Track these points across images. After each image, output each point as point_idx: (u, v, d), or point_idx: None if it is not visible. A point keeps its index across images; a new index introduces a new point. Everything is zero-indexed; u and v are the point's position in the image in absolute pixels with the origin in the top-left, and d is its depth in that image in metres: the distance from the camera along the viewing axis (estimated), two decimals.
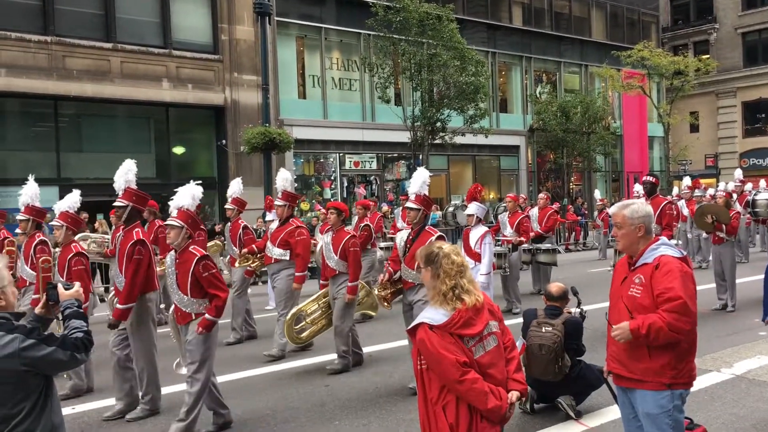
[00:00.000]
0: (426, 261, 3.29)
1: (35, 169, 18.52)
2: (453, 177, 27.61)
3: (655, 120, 33.59)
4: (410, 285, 6.68)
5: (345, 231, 7.89)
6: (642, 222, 3.71)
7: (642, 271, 3.64)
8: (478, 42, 26.68)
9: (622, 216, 3.74)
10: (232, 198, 10.24)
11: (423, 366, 3.15)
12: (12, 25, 17.39)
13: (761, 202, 11.24)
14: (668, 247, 3.66)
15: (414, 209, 6.76)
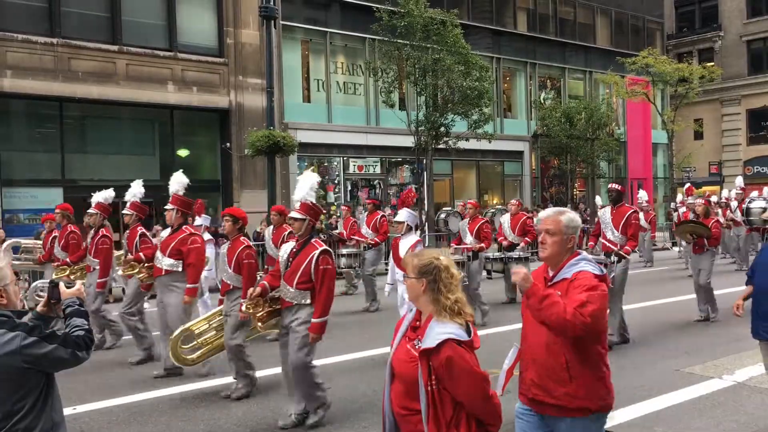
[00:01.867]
0: (420, 272, 3.07)
1: (40, 171, 18.82)
2: (456, 182, 27.61)
3: (659, 127, 33.54)
4: (288, 305, 5.90)
5: (240, 241, 6.99)
6: (574, 233, 3.49)
7: (560, 287, 3.39)
8: (483, 47, 26.72)
9: (557, 222, 3.47)
10: (130, 203, 9.09)
11: (434, 387, 2.92)
12: (18, 26, 17.46)
13: (755, 210, 10.96)
14: (588, 263, 3.43)
15: (298, 219, 5.98)
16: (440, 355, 2.90)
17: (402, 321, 3.25)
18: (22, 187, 17.95)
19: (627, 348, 8.43)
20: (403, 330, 3.16)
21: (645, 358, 7.91)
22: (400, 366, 3.03)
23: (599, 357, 3.41)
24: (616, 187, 9.04)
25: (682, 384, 6.73)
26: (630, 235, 8.59)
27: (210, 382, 7.43)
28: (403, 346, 3.07)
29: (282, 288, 5.95)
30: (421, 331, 3.04)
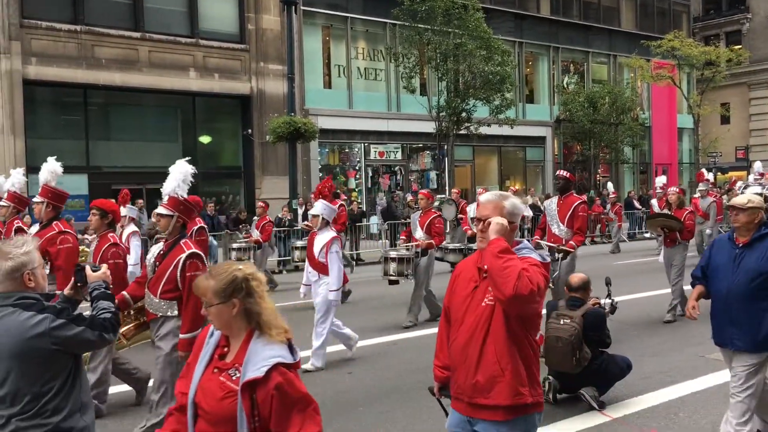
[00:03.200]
0: (227, 293, 2.48)
1: (64, 157, 18.91)
2: (478, 168, 27.48)
3: (685, 111, 33.07)
4: (153, 316, 5.21)
5: (107, 238, 6.10)
6: (516, 221, 3.16)
7: None
8: (505, 32, 26.45)
9: (500, 209, 3.10)
10: (7, 193, 8.10)
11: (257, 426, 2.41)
12: (42, 14, 17.65)
13: None
14: (530, 251, 3.14)
15: (165, 216, 5.23)
16: (269, 384, 2.40)
17: (198, 347, 2.65)
18: None
19: (650, 335, 8.36)
20: (206, 359, 2.58)
21: (669, 345, 7.85)
22: (210, 404, 2.47)
23: (533, 349, 3.07)
24: (564, 174, 8.01)
25: (706, 370, 6.66)
26: (577, 228, 7.65)
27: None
28: (213, 379, 2.50)
29: (147, 298, 5.19)
30: (236, 358, 2.51)
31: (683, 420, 5.38)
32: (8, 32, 16.89)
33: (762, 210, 4.48)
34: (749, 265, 4.41)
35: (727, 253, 4.58)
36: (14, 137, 16.97)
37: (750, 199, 4.50)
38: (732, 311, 4.46)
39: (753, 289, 4.36)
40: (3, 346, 2.75)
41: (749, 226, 4.45)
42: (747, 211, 4.44)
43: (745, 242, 4.46)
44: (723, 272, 4.54)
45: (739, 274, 4.42)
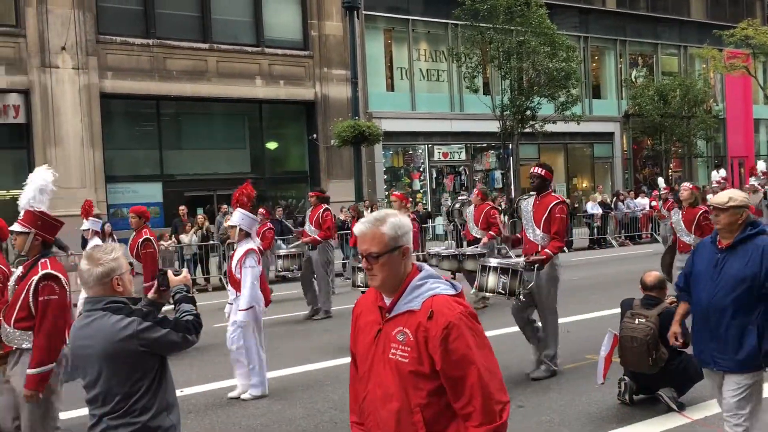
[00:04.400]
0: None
1: (140, 167, 19.78)
2: None
3: (762, 101, 31.73)
4: (8, 349, 4.44)
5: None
6: (406, 242, 2.46)
7: (405, 321, 2.40)
8: (570, 27, 25.99)
9: (379, 237, 2.42)
10: None
11: None
12: (117, 30, 18.38)
13: None
14: (436, 281, 2.45)
15: (20, 233, 4.46)
16: None
17: None
18: (125, 182, 18.93)
19: None
20: None
21: None
22: None
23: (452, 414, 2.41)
24: (538, 172, 6.92)
25: None
26: (554, 233, 6.66)
27: (312, 366, 7.63)
28: None
29: (2, 326, 4.44)
30: None
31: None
32: (85, 48, 17.65)
33: (746, 209, 3.95)
34: (732, 271, 3.87)
35: (708, 259, 4.03)
36: (93, 149, 17.71)
37: (731, 196, 3.96)
38: (713, 325, 3.92)
39: (736, 300, 3.83)
40: (95, 348, 2.91)
41: (732, 228, 3.91)
42: (728, 211, 3.90)
43: (728, 245, 3.92)
44: (703, 280, 4.01)
45: (721, 282, 3.89)
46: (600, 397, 5.87)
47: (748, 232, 3.90)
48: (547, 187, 6.97)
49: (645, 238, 21.59)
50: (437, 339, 2.32)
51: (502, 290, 6.58)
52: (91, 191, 17.56)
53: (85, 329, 2.96)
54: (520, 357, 7.33)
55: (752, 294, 3.80)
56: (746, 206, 3.94)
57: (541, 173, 6.89)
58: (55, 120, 17.27)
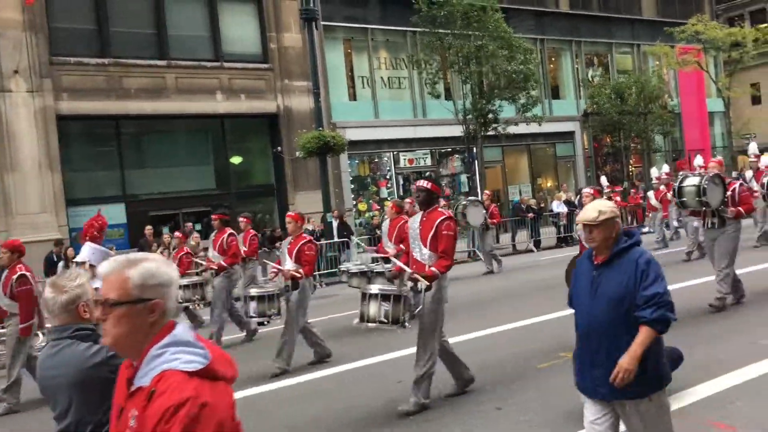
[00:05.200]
0: None
1: (102, 188, 19.44)
2: (509, 168, 27.35)
3: (715, 95, 32.52)
4: None
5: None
6: (160, 296, 1.99)
7: (137, 401, 1.91)
8: (526, 30, 26.34)
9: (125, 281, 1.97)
10: None
11: None
12: (70, 50, 18.09)
13: (689, 190, 8.97)
14: (180, 350, 1.91)
15: None
16: None
17: None
18: (86, 205, 18.57)
19: (699, 324, 8.22)
20: None
21: (718, 333, 7.71)
22: None
23: None
24: (424, 185, 6.28)
25: (760, 356, 6.52)
26: (441, 251, 5.99)
27: (286, 382, 7.56)
28: None
29: None
30: None
31: (740, 409, 5.27)
32: (39, 71, 17.33)
33: (618, 219, 3.59)
34: (608, 290, 3.49)
35: (586, 276, 3.64)
36: (51, 172, 17.38)
37: (600, 210, 3.52)
38: (593, 350, 3.53)
39: (615, 321, 3.44)
40: (63, 377, 2.83)
41: (607, 243, 3.52)
42: (600, 226, 3.49)
43: (604, 260, 3.54)
44: (582, 300, 3.63)
45: (598, 301, 3.51)
46: (576, 394, 5.90)
47: (622, 244, 3.53)
48: (433, 201, 6.32)
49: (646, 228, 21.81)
50: (149, 429, 1.81)
51: (384, 318, 6.00)
52: (51, 215, 17.23)
53: (52, 359, 2.89)
54: (498, 358, 7.37)
55: (631, 313, 3.43)
56: (617, 216, 3.57)
57: (426, 186, 6.27)
58: (11, 145, 16.92)
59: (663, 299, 3.41)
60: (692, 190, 8.87)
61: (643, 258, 3.49)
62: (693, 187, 8.86)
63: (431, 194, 6.26)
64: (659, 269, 3.49)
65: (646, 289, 3.41)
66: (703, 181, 8.75)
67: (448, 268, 6.08)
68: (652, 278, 3.43)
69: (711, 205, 8.73)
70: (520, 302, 11.10)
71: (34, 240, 16.39)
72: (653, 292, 3.40)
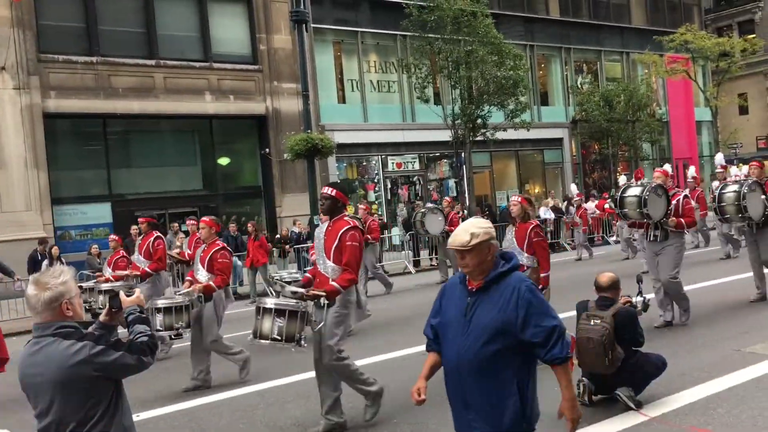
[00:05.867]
0: None
1: (88, 187, 19.33)
2: (497, 173, 27.43)
3: (702, 104, 32.80)
4: None
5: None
6: None
7: None
8: (515, 36, 26.47)
9: None
10: None
11: None
12: (58, 48, 17.98)
13: (630, 200, 8.53)
14: None
15: None
16: None
17: None
18: (72, 204, 18.47)
19: (684, 331, 8.27)
20: None
21: (703, 340, 7.76)
22: None
23: None
24: (328, 192, 5.81)
25: (742, 364, 6.57)
26: (344, 263, 5.54)
27: (267, 384, 7.53)
28: None
29: None
30: None
31: (723, 416, 5.30)
32: (27, 68, 17.21)
33: (493, 241, 3.17)
34: (484, 320, 3.08)
35: (457, 305, 3.21)
36: (38, 170, 17.25)
37: (473, 232, 3.11)
38: (466, 388, 3.13)
39: (491, 355, 3.05)
40: (45, 375, 2.80)
41: (482, 267, 3.13)
42: (473, 251, 3.10)
43: (479, 286, 3.14)
44: (452, 332, 3.18)
45: (471, 333, 3.09)
46: (559, 399, 5.93)
47: (500, 268, 3.14)
48: (339, 210, 5.81)
49: (597, 240, 22.00)
50: None
51: (278, 336, 5.56)
52: (36, 214, 17.11)
53: (34, 356, 2.86)
54: None
55: (509, 346, 3.06)
56: (492, 238, 3.16)
57: (331, 194, 5.77)
58: None
59: (560, 330, 3.07)
60: (633, 200, 8.43)
61: (524, 285, 3.11)
62: (634, 198, 8.43)
63: (336, 202, 5.78)
64: (541, 296, 3.16)
65: (541, 324, 3.03)
66: (644, 191, 8.31)
67: (352, 283, 5.57)
68: (543, 309, 3.07)
69: (652, 217, 8.32)
70: None
71: (18, 238, 16.29)
72: (551, 325, 3.05)
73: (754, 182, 9.19)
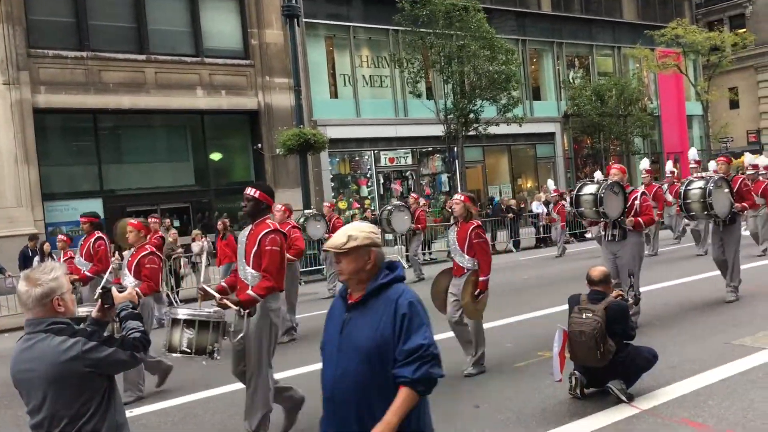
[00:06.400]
0: None
1: (79, 183, 19.24)
2: (489, 168, 27.46)
3: (693, 98, 32.91)
4: None
5: None
6: None
7: None
8: (508, 30, 26.47)
9: None
10: None
11: None
12: (48, 43, 17.86)
13: (586, 198, 8.24)
14: None
15: None
16: None
17: None
18: (63, 200, 18.38)
19: (673, 325, 8.32)
20: None
21: (692, 334, 7.81)
22: None
23: None
24: (251, 194, 5.40)
25: (732, 357, 6.62)
26: (263, 269, 5.19)
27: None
28: None
29: None
30: None
31: (713, 408, 5.34)
32: (16, 62, 17.09)
33: (374, 247, 2.80)
34: (359, 338, 2.70)
35: (335, 321, 2.85)
36: (28, 166, 17.15)
37: (351, 234, 2.79)
38: (341, 417, 2.74)
39: (368, 380, 2.66)
40: (38, 371, 2.80)
41: (360, 276, 2.77)
42: (350, 255, 2.77)
43: (358, 300, 2.77)
44: (328, 353, 2.83)
45: (345, 354, 2.72)
46: (552, 392, 5.96)
47: (381, 279, 2.76)
48: (263, 212, 5.43)
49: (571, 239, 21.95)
50: None
51: (187, 348, 5.12)
52: (27, 210, 17.02)
53: (26, 353, 2.85)
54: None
55: (385, 368, 2.66)
56: (374, 244, 2.81)
57: (254, 195, 5.37)
58: None
59: (428, 352, 2.65)
60: (589, 199, 8.12)
61: (404, 299, 2.71)
62: (590, 196, 8.13)
63: (259, 204, 5.39)
64: (423, 313, 2.73)
65: (407, 341, 2.65)
66: (600, 189, 8.00)
67: (270, 291, 5.18)
68: (415, 326, 2.66)
69: (609, 216, 8.02)
70: (498, 302, 11.15)
71: (9, 234, 16.21)
72: (416, 344, 2.64)
73: (721, 178, 9.00)
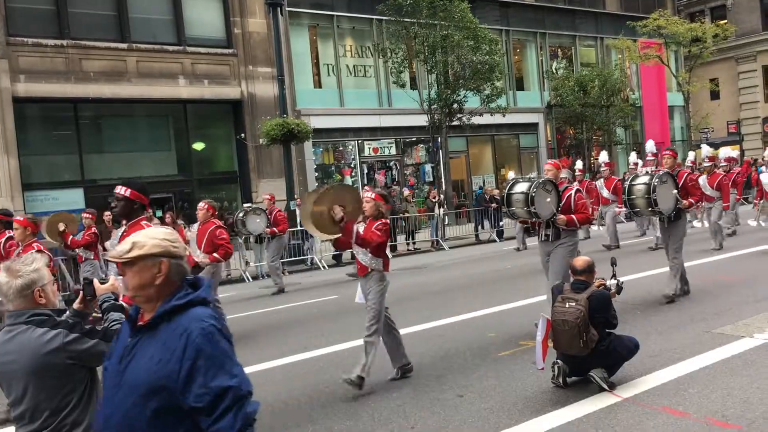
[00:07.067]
0: None
1: (59, 173, 19.02)
2: (473, 158, 27.52)
3: (675, 89, 33.14)
4: None
5: None
6: None
7: None
8: (491, 20, 26.47)
9: None
10: None
11: None
12: (28, 31, 17.60)
13: (517, 197, 7.86)
14: None
15: None
16: None
17: None
18: (43, 189, 18.18)
19: (654, 313, 8.40)
20: None
21: (674, 322, 7.89)
22: None
23: None
24: (122, 193, 5.02)
25: (712, 345, 6.70)
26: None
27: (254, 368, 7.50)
28: None
29: None
30: None
31: (693, 396, 5.41)
32: None
33: (167, 257, 2.29)
34: (136, 372, 2.21)
35: (120, 345, 2.34)
36: (7, 156, 16.94)
37: (136, 242, 2.30)
38: None
39: (139, 424, 2.17)
40: (19, 363, 2.78)
41: (148, 293, 2.28)
42: (133, 266, 2.28)
43: (145, 323, 2.27)
44: (107, 384, 2.33)
45: (122, 388, 2.23)
46: (535, 381, 6.01)
47: (175, 301, 2.26)
48: (137, 212, 5.04)
49: None
50: None
51: None
52: (7, 200, 16.81)
53: (7, 344, 2.83)
54: (459, 347, 7.43)
55: (172, 410, 2.17)
56: (169, 255, 2.30)
57: (125, 194, 5.00)
58: None
59: (239, 394, 2.17)
60: (520, 198, 7.73)
61: (199, 328, 2.19)
62: (521, 195, 7.73)
63: (132, 203, 5.03)
64: (223, 345, 2.22)
65: (210, 384, 2.14)
66: (531, 188, 7.59)
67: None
68: (216, 364, 2.16)
69: (540, 215, 7.62)
70: (482, 292, 11.21)
71: None
72: (223, 385, 2.15)
73: (666, 173, 8.70)
